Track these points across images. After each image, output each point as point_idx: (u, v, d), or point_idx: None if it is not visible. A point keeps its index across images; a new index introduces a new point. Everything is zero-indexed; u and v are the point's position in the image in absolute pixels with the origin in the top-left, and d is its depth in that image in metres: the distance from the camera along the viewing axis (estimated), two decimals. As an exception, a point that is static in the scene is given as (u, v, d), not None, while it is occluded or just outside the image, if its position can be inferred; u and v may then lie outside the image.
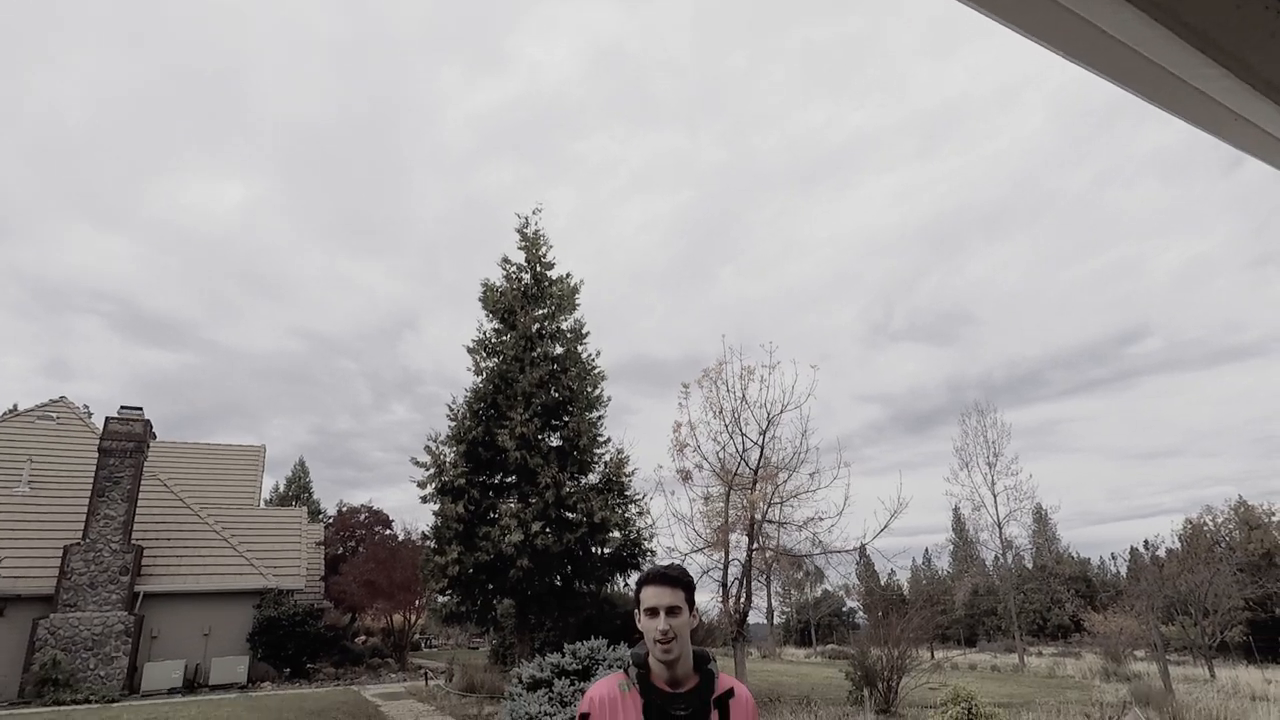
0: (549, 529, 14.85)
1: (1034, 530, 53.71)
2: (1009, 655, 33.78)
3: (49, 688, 16.37)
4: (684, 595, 2.01)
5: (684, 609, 2.01)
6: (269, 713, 13.34)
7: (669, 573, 2.06)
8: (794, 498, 14.08)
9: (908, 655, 14.25)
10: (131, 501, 19.37)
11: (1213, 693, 15.12)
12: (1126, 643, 25.83)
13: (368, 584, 23.66)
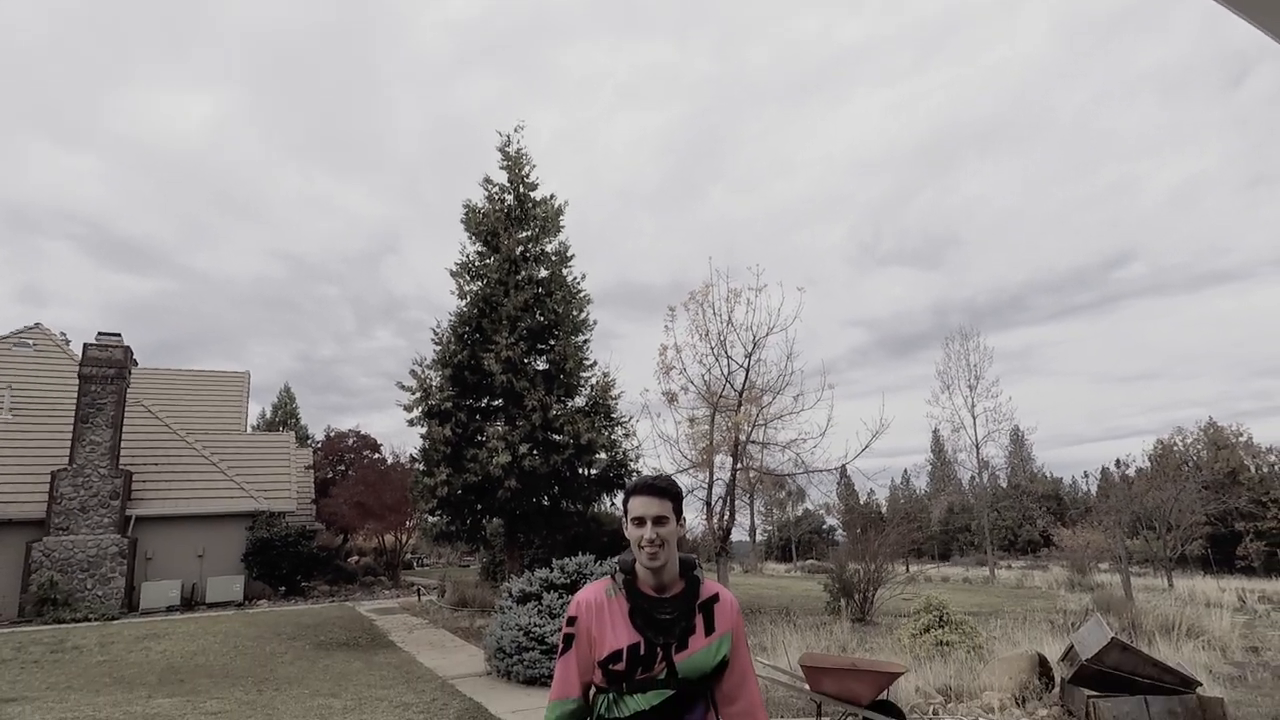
0: (536, 451, 15.01)
1: (1010, 451, 55.37)
2: (980, 569, 35.33)
3: (48, 607, 16.73)
4: (671, 505, 2.03)
5: (671, 519, 2.02)
6: (266, 627, 13.73)
7: (657, 483, 2.07)
8: (778, 419, 14.26)
9: (884, 569, 14.82)
10: (116, 428, 19.33)
11: (1170, 600, 15.91)
12: (1092, 556, 27.02)
13: (358, 506, 24.05)
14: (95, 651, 11.57)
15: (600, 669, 1.96)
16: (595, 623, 1.98)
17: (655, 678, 1.94)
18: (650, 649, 1.95)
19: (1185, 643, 10.07)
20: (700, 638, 2.00)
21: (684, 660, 1.97)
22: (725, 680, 2.06)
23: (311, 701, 7.84)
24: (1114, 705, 6.62)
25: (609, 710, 1.97)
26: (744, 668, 2.09)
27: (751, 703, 2.09)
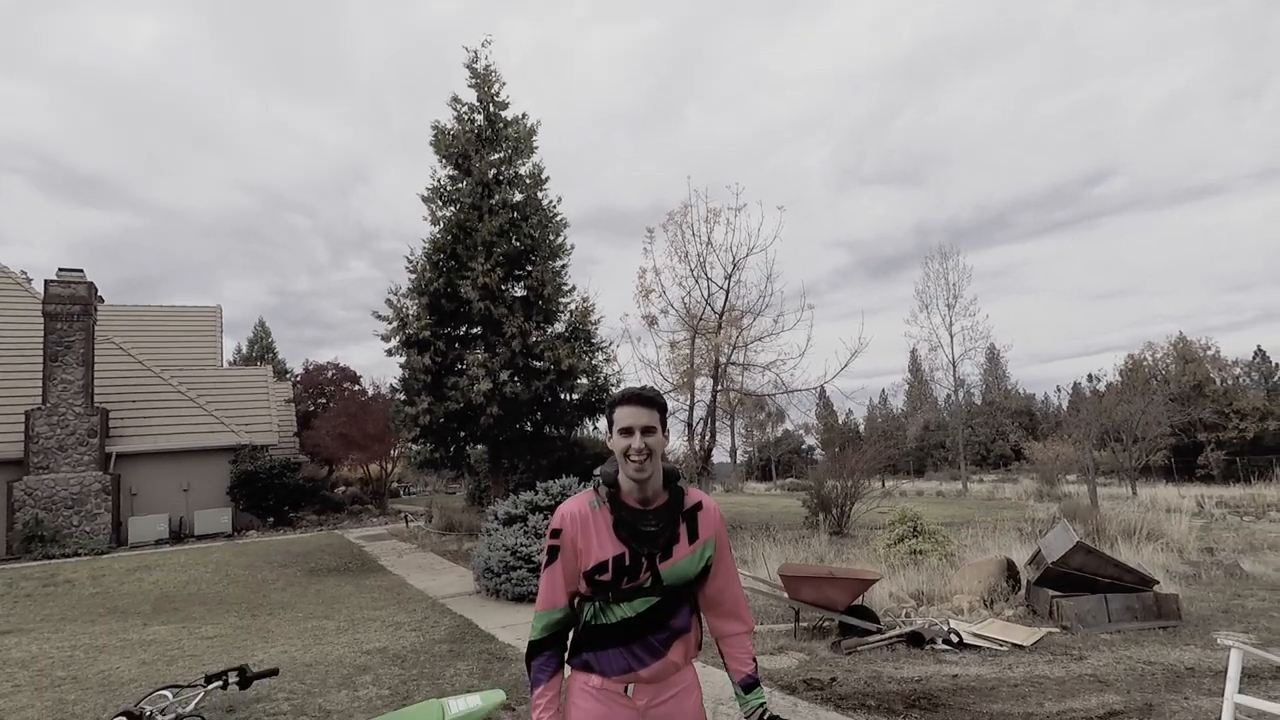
0: (517, 377, 14.98)
1: (985, 369, 56.36)
2: (953, 483, 36.56)
3: (36, 544, 16.80)
4: (658, 416, 2.01)
5: (657, 429, 2.00)
6: (256, 556, 13.93)
7: (644, 393, 2.04)
8: (757, 341, 14.29)
9: (860, 485, 15.24)
10: (88, 366, 18.97)
11: (1133, 508, 16.60)
12: (1060, 468, 28.00)
13: (341, 437, 24.10)
14: (87, 584, 11.69)
15: (585, 579, 1.97)
16: (580, 535, 1.98)
17: (640, 586, 1.97)
18: (635, 559, 1.96)
19: (1145, 545, 10.55)
20: (684, 546, 2.02)
21: (668, 568, 1.99)
22: (709, 584, 2.10)
23: (305, 624, 8.01)
24: (1076, 603, 6.95)
25: (595, 618, 2.00)
26: (727, 571, 2.13)
27: (735, 604, 2.14)
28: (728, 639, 2.14)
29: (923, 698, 4.94)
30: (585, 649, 2.01)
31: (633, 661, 1.96)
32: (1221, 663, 5.57)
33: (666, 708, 1.99)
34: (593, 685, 1.98)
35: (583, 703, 1.98)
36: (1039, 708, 4.74)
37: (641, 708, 1.97)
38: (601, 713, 1.96)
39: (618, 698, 1.96)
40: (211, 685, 2.52)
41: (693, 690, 2.07)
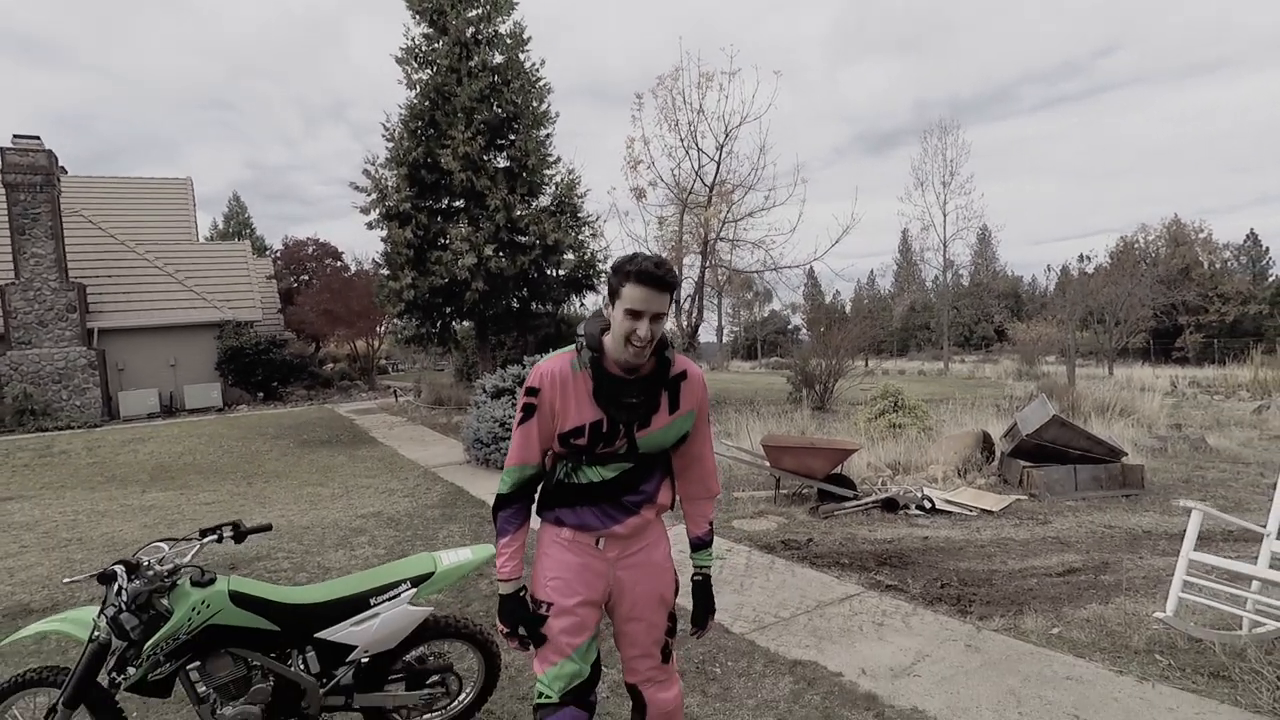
0: (502, 252, 14.66)
1: (976, 250, 56.09)
2: (935, 363, 37.29)
3: (28, 417, 16.93)
4: (668, 300, 1.87)
5: (666, 314, 1.87)
6: (248, 428, 14.14)
7: (661, 274, 1.79)
8: (748, 217, 13.94)
9: (844, 363, 15.44)
10: (58, 239, 18.35)
11: (1108, 386, 17.02)
12: (1041, 349, 28.48)
13: (325, 313, 23.91)
14: (83, 455, 11.88)
15: (560, 441, 1.94)
16: (559, 396, 1.92)
17: (615, 452, 1.94)
18: (613, 426, 1.92)
19: (1117, 421, 10.88)
20: (664, 415, 1.97)
21: (645, 437, 1.95)
22: (683, 452, 2.08)
23: (300, 490, 8.23)
24: (1045, 473, 7.22)
25: (568, 477, 1.98)
26: (702, 441, 2.10)
27: (705, 473, 2.13)
28: (691, 502, 2.16)
29: (894, 556, 5.19)
30: (556, 505, 2.01)
31: (604, 520, 1.97)
32: (1177, 527, 5.86)
33: (636, 559, 2.02)
34: (564, 537, 2.00)
35: (555, 553, 2.01)
36: (1003, 565, 5.00)
37: (612, 559, 2.00)
38: (574, 562, 1.98)
39: (589, 549, 1.99)
40: (207, 539, 2.55)
41: (661, 541, 2.10)
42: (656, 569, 2.06)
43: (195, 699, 2.50)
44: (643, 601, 2.03)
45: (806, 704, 3.04)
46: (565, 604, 1.96)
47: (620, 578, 2.01)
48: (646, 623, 2.05)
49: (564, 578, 1.98)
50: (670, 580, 2.10)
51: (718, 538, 5.68)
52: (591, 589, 1.98)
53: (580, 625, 1.97)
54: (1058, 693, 3.06)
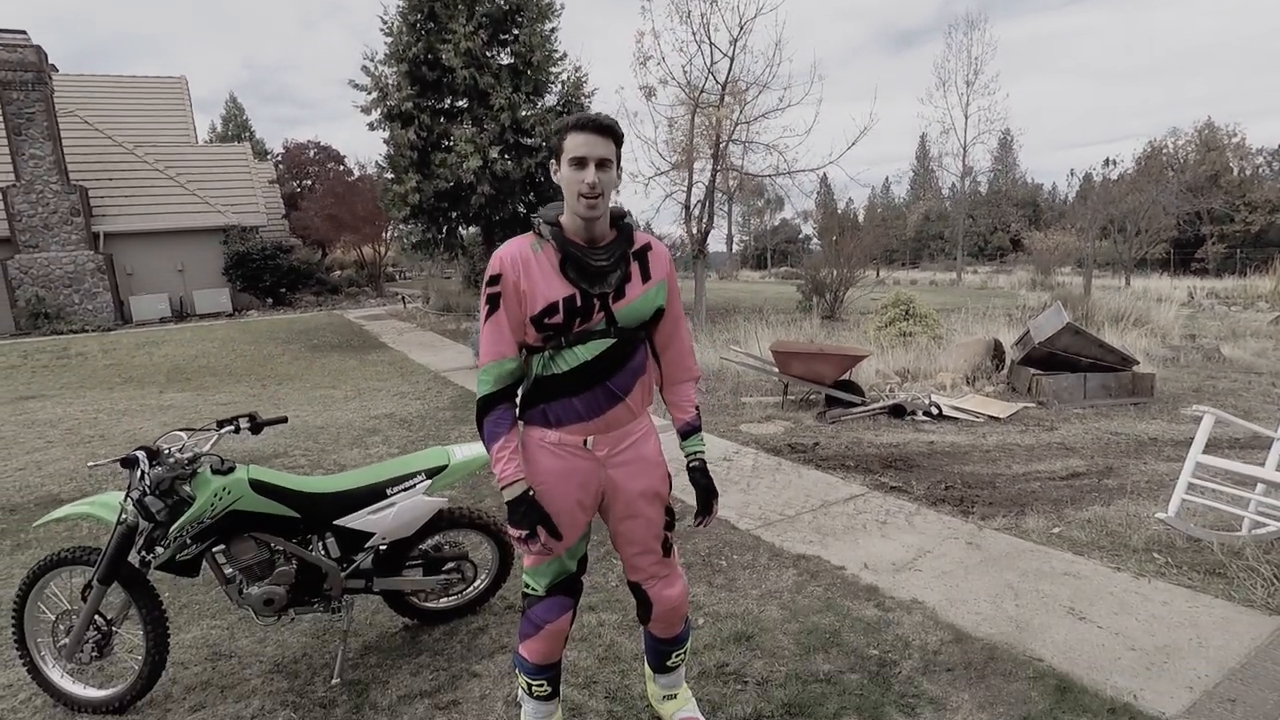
0: (507, 155, 14.24)
1: (996, 155, 54.20)
2: (948, 273, 36.79)
3: (42, 320, 17.11)
4: (614, 148, 1.76)
5: (613, 163, 1.77)
6: (259, 333, 14.26)
7: (599, 119, 1.76)
8: (762, 118, 13.38)
9: (855, 273, 15.22)
10: (55, 140, 17.93)
11: (1124, 297, 16.78)
12: (1057, 259, 27.97)
13: (330, 218, 23.58)
14: (99, 357, 12.05)
15: (534, 326, 1.82)
16: (524, 278, 1.81)
17: (594, 328, 1.84)
18: (587, 299, 1.82)
19: (1131, 331, 10.78)
20: (637, 285, 1.89)
21: (623, 308, 1.86)
22: (658, 331, 2.01)
23: (313, 393, 8.36)
24: (1055, 381, 7.21)
25: (547, 368, 1.87)
26: (676, 315, 2.03)
27: (682, 352, 2.06)
28: (673, 387, 2.09)
29: (899, 459, 5.27)
30: (539, 401, 1.91)
31: (591, 409, 1.88)
32: (1184, 434, 5.90)
33: (627, 455, 1.96)
34: (549, 441, 1.91)
35: (542, 458, 1.92)
36: (1007, 469, 5.07)
37: (602, 458, 1.93)
38: (561, 468, 1.91)
39: (577, 451, 1.91)
40: (224, 429, 2.58)
41: (650, 435, 2.03)
42: (648, 464, 2.00)
43: (222, 579, 2.60)
44: (638, 498, 1.98)
45: (809, 594, 3.15)
46: (554, 509, 1.91)
47: (612, 477, 1.95)
48: (644, 519, 2.01)
49: (550, 482, 1.91)
50: (663, 474, 2.05)
51: (725, 440, 5.76)
52: (583, 491, 1.93)
53: (570, 529, 1.93)
54: (1054, 586, 3.15)
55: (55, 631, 2.54)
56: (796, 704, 2.38)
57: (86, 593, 2.46)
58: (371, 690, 2.58)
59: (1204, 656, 2.58)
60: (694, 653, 2.70)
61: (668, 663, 2.20)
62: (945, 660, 2.62)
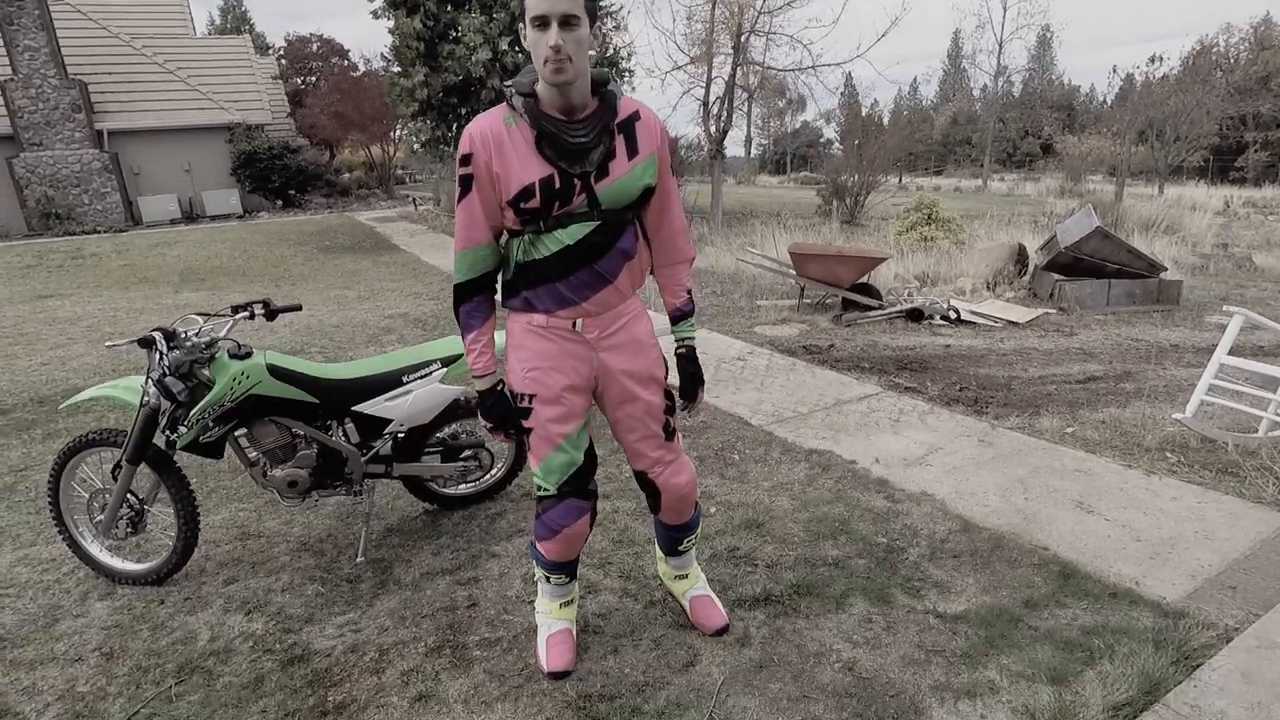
0: (517, 46, 13.58)
1: (1034, 53, 51.21)
2: (974, 180, 35.59)
3: (53, 221, 17.05)
4: (581, 2, 1.55)
5: (582, 19, 1.56)
6: (271, 235, 14.16)
7: None
8: (787, 6, 12.57)
9: (878, 177, 14.71)
10: (49, 31, 17.28)
11: (1157, 205, 16.20)
12: (1090, 165, 26.87)
13: (336, 116, 22.91)
14: (113, 258, 12.06)
15: (512, 210, 1.70)
16: (496, 158, 1.67)
17: (575, 210, 1.70)
18: (566, 180, 1.68)
19: (1161, 238, 10.47)
20: (622, 162, 1.73)
21: (606, 188, 1.71)
22: (649, 210, 1.86)
23: (328, 293, 8.36)
24: (1078, 287, 7.06)
25: (527, 253, 1.76)
26: (668, 195, 1.88)
27: (674, 232, 1.92)
28: (665, 269, 1.96)
29: (914, 361, 5.24)
30: (522, 288, 1.81)
31: (577, 294, 1.78)
32: (1206, 342, 5.80)
33: (618, 338, 1.88)
34: (537, 324, 1.82)
35: (530, 342, 1.84)
36: (1023, 372, 5.04)
37: (593, 340, 1.84)
38: (552, 350, 1.83)
39: (567, 334, 1.83)
40: (239, 315, 2.57)
41: (642, 317, 1.95)
42: (641, 346, 1.92)
43: (246, 462, 2.67)
44: (634, 381, 1.91)
45: (820, 486, 3.20)
46: (549, 393, 1.83)
47: (605, 361, 1.86)
48: (643, 403, 1.92)
49: (542, 366, 1.82)
50: (658, 357, 1.97)
51: (739, 341, 5.74)
52: (576, 374, 1.84)
53: (568, 413, 1.85)
54: (1064, 482, 3.18)
55: (90, 509, 2.64)
56: (805, 585, 2.46)
57: (116, 473, 2.54)
58: (395, 568, 2.69)
59: (1209, 548, 2.62)
60: (705, 538, 2.77)
61: (679, 548, 2.23)
62: (952, 548, 2.68)
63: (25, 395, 4.88)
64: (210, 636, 2.32)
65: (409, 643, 2.25)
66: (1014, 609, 2.30)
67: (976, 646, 2.14)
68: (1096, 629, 2.19)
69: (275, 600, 2.51)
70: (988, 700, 1.93)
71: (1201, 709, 1.82)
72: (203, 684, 2.10)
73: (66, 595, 2.59)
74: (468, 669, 2.13)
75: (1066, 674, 2.00)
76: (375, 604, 2.47)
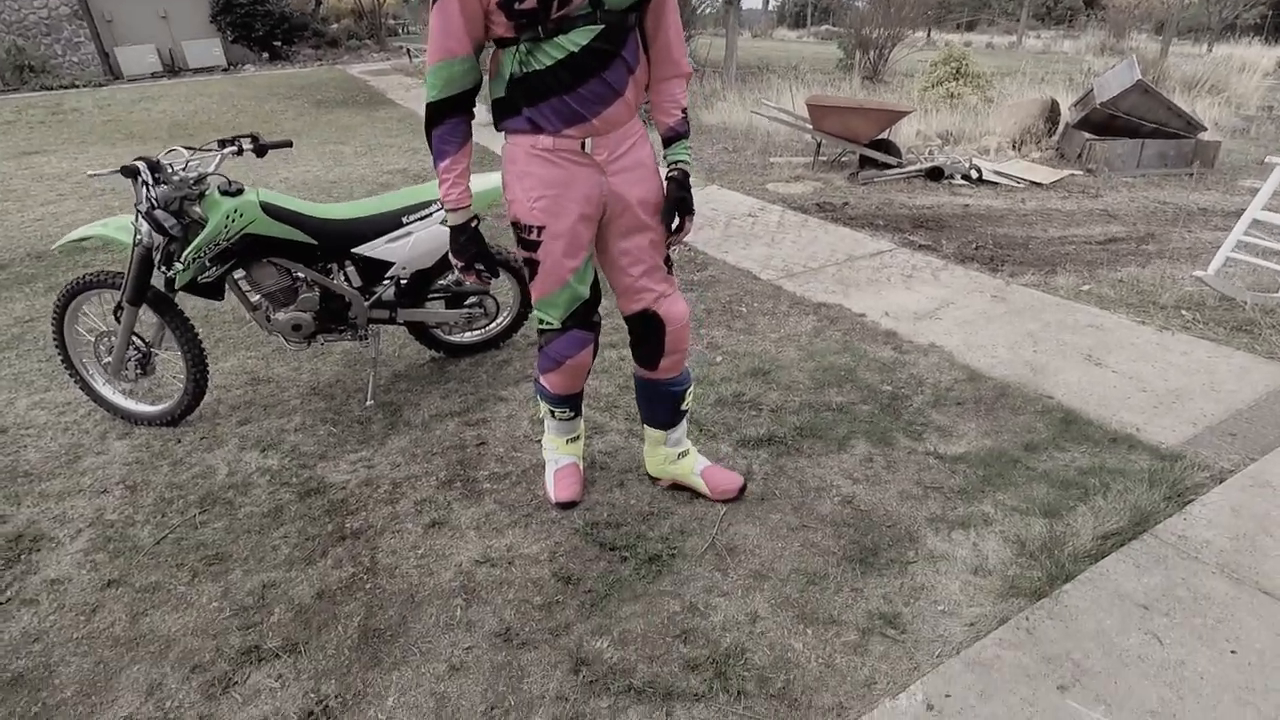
0: None
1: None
2: (1008, 36, 33.18)
3: (28, 74, 16.18)
4: None
5: None
6: (259, 88, 13.46)
7: None
8: None
9: (905, 31, 13.66)
10: None
11: (1203, 64, 15.11)
12: (1136, 20, 24.85)
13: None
14: (95, 113, 11.53)
15: (503, 12, 1.53)
16: None
17: (576, 13, 1.54)
18: None
19: (1203, 99, 9.83)
20: None
21: None
22: (649, 11, 1.70)
23: (323, 148, 8.04)
24: (1109, 146, 6.70)
25: (525, 64, 1.60)
26: (665, 1, 1.71)
27: (669, 44, 1.76)
28: (659, 84, 1.81)
29: (931, 220, 5.07)
30: (523, 105, 1.66)
31: (586, 109, 1.64)
32: (1236, 206, 5.57)
33: (627, 160, 1.76)
34: (543, 147, 1.68)
35: (537, 169, 1.70)
36: (1043, 232, 4.89)
37: (603, 162, 1.72)
38: (560, 177, 1.70)
39: (575, 156, 1.70)
40: (226, 150, 2.45)
41: (645, 139, 1.84)
42: (648, 170, 1.82)
43: (249, 306, 2.64)
44: (644, 208, 1.81)
45: (827, 338, 3.18)
46: (559, 225, 1.73)
47: (614, 187, 1.75)
48: (652, 232, 1.85)
49: (550, 194, 1.71)
50: (660, 184, 1.87)
51: (750, 197, 5.55)
52: (587, 202, 1.74)
53: (576, 245, 1.77)
54: (1075, 336, 3.14)
55: (97, 351, 2.65)
56: (808, 428, 2.49)
57: (118, 315, 2.52)
58: (404, 410, 2.73)
59: (1214, 399, 2.62)
60: (710, 384, 2.79)
61: (681, 405, 2.08)
62: (956, 396, 2.69)
63: (21, 250, 4.82)
64: (228, 472, 2.40)
65: (421, 477, 2.32)
66: (1013, 451, 2.34)
67: (973, 484, 2.19)
68: (1093, 470, 2.23)
69: (289, 439, 2.57)
70: (980, 530, 1.99)
71: (1189, 539, 1.88)
72: (225, 513, 2.19)
73: (85, 435, 2.65)
74: (479, 500, 2.20)
75: (1060, 509, 2.06)
76: (386, 443, 2.52)
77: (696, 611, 1.76)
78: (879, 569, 1.87)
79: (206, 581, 1.91)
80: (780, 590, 1.81)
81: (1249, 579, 1.75)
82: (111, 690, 1.60)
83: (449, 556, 1.97)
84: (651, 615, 1.75)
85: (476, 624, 1.74)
